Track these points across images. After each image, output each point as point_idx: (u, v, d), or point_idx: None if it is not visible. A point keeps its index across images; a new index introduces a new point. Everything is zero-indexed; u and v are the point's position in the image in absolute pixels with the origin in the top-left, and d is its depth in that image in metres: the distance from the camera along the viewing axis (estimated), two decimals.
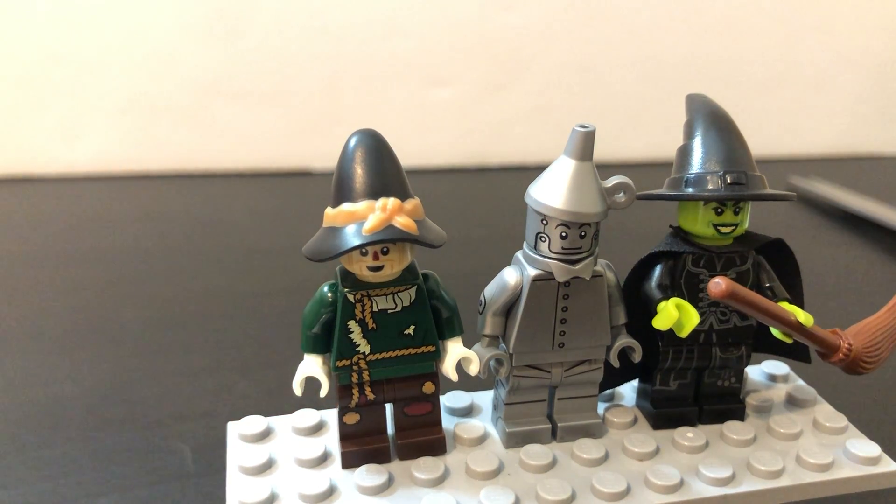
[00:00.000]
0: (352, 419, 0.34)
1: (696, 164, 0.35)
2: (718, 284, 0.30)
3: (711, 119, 0.35)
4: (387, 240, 0.30)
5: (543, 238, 0.32)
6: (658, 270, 0.36)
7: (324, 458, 0.34)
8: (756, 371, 0.42)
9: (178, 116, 0.96)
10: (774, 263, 0.37)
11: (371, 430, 0.34)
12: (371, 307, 0.32)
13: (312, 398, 0.33)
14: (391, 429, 0.35)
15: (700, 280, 0.36)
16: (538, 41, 1.00)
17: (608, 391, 0.39)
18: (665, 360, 0.37)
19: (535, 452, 0.34)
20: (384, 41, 0.97)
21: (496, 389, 0.37)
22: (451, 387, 0.37)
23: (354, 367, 0.33)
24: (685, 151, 0.35)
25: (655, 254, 0.36)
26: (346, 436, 0.34)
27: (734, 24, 1.04)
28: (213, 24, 0.93)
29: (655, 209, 0.36)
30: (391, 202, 0.30)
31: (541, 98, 1.02)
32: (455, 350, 0.33)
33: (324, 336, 0.32)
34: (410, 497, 0.32)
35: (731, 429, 0.37)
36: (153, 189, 0.93)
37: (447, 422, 0.36)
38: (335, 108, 0.98)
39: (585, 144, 0.31)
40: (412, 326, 0.33)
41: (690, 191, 0.34)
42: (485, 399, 0.39)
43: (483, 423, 0.37)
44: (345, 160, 0.31)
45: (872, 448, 0.36)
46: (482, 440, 0.36)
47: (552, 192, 0.32)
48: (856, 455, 0.35)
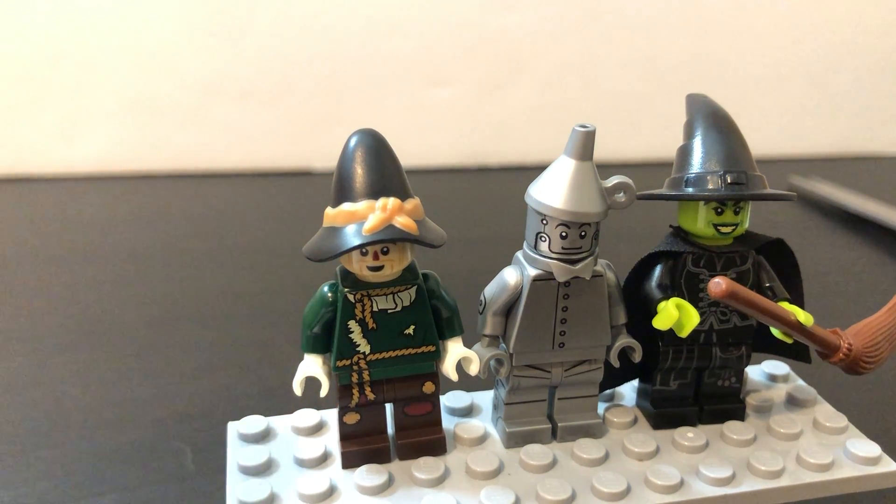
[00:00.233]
0: (352, 419, 0.34)
1: (697, 164, 0.35)
2: (718, 284, 0.30)
3: (712, 119, 0.35)
4: (387, 240, 0.30)
5: (543, 238, 0.32)
6: (658, 270, 0.36)
7: (324, 458, 0.34)
8: (756, 371, 0.42)
9: (179, 116, 0.96)
10: (774, 263, 0.37)
11: (371, 430, 0.34)
12: (371, 307, 0.32)
13: (312, 398, 0.33)
14: (391, 429, 0.35)
15: (700, 280, 0.36)
16: (538, 41, 1.00)
17: (608, 391, 0.39)
18: (665, 360, 0.37)
19: (536, 452, 0.34)
20: (384, 41, 0.97)
21: (496, 389, 0.37)
22: (452, 387, 0.37)
23: (354, 367, 0.33)
24: (685, 151, 0.35)
25: (655, 254, 0.36)
26: (347, 436, 0.34)
27: (734, 24, 1.04)
28: (214, 25, 0.93)
29: (655, 209, 0.36)
30: (391, 202, 0.30)
31: (541, 98, 1.02)
32: (455, 350, 0.33)
33: (324, 336, 0.32)
34: (410, 497, 0.32)
35: (732, 429, 0.37)
36: (153, 189, 0.93)
37: (447, 422, 0.36)
38: (335, 108, 0.98)
39: (585, 144, 0.31)
40: (412, 326, 0.33)
41: (690, 191, 0.34)
42: (485, 399, 0.39)
43: (483, 423, 0.37)
44: (345, 160, 0.31)
45: (872, 448, 0.36)
46: (482, 440, 0.36)
47: (552, 192, 0.32)
48: (856, 455, 0.35)
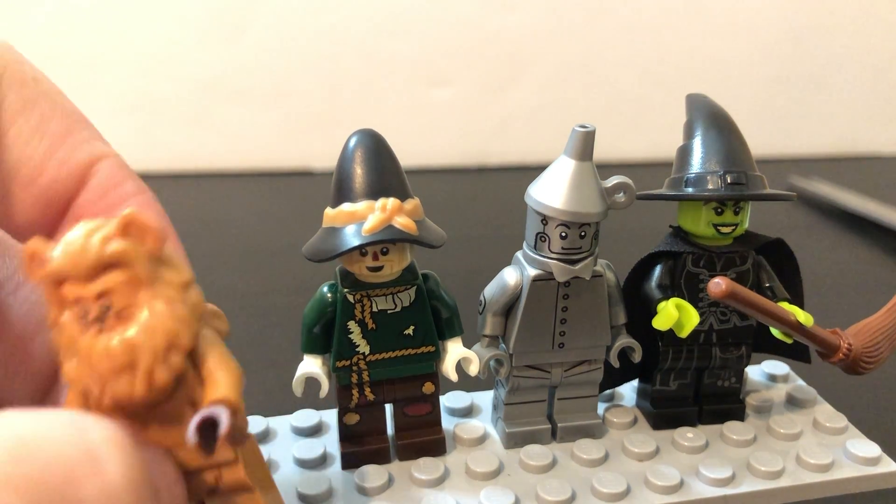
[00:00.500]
0: (352, 419, 0.34)
1: (697, 164, 0.35)
2: (718, 284, 0.30)
3: (711, 119, 0.35)
4: (386, 240, 0.30)
5: (543, 238, 0.32)
6: (658, 270, 0.36)
7: (323, 459, 0.34)
8: (756, 371, 0.42)
9: (179, 116, 0.96)
10: (774, 263, 0.37)
11: (371, 431, 0.34)
12: (371, 307, 0.32)
13: (312, 399, 0.33)
14: (391, 429, 0.35)
15: (700, 280, 0.36)
16: (538, 41, 1.00)
17: (608, 391, 0.39)
18: (665, 360, 0.37)
19: (535, 453, 0.34)
20: (384, 41, 0.97)
21: (496, 390, 0.37)
22: (451, 387, 0.37)
23: (354, 368, 0.33)
24: (685, 151, 0.35)
25: (655, 254, 0.36)
26: (346, 436, 0.34)
27: (735, 25, 1.04)
28: (214, 25, 0.93)
29: (655, 209, 0.36)
30: (391, 202, 0.30)
31: (541, 98, 1.02)
32: (455, 350, 0.33)
33: (323, 336, 0.32)
34: (410, 497, 0.32)
35: (731, 429, 0.37)
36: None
37: (447, 422, 0.36)
38: (335, 108, 0.98)
39: (585, 144, 0.31)
40: (412, 327, 0.33)
41: (690, 191, 0.34)
42: (484, 399, 0.39)
43: (483, 424, 0.37)
44: (344, 160, 0.31)
45: (872, 448, 0.36)
46: (482, 440, 0.36)
47: (552, 192, 0.32)
48: (856, 455, 0.35)
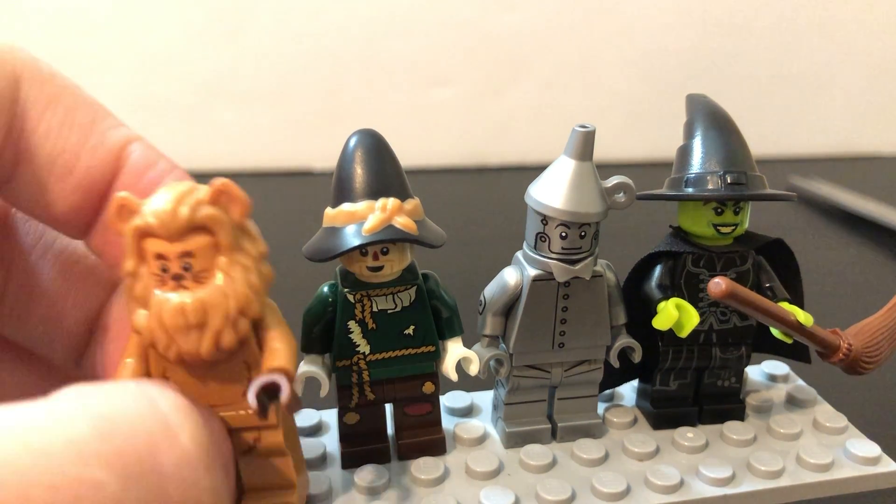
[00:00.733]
0: (352, 419, 0.34)
1: (697, 164, 0.35)
2: (718, 284, 0.30)
3: (711, 119, 0.35)
4: (387, 240, 0.30)
5: (543, 238, 0.32)
6: (658, 270, 0.36)
7: (323, 459, 0.34)
8: (756, 371, 0.42)
9: (179, 116, 0.96)
10: (774, 263, 0.37)
11: (371, 431, 0.34)
12: (371, 307, 0.32)
13: (312, 398, 0.33)
14: (391, 429, 0.35)
15: (700, 280, 0.36)
16: (538, 41, 1.00)
17: (608, 391, 0.39)
18: (665, 360, 0.37)
19: (536, 452, 0.34)
20: (384, 41, 0.97)
21: (496, 389, 0.37)
22: (451, 387, 0.37)
23: (354, 368, 0.33)
24: (685, 151, 0.35)
25: (655, 254, 0.36)
26: (346, 436, 0.34)
27: (734, 25, 1.04)
28: (214, 25, 0.93)
29: (655, 209, 0.36)
30: (391, 202, 0.30)
31: (541, 98, 1.02)
32: (455, 350, 0.33)
33: (323, 336, 0.32)
34: (410, 497, 0.32)
35: (731, 429, 0.37)
36: None
37: (447, 422, 0.36)
38: (335, 108, 0.98)
39: (585, 144, 0.31)
40: (412, 326, 0.33)
41: (690, 191, 0.34)
42: (485, 399, 0.39)
43: (483, 424, 0.37)
44: (344, 160, 0.31)
45: (872, 448, 0.36)
46: (482, 440, 0.36)
47: (552, 193, 0.32)
48: (856, 455, 0.35)
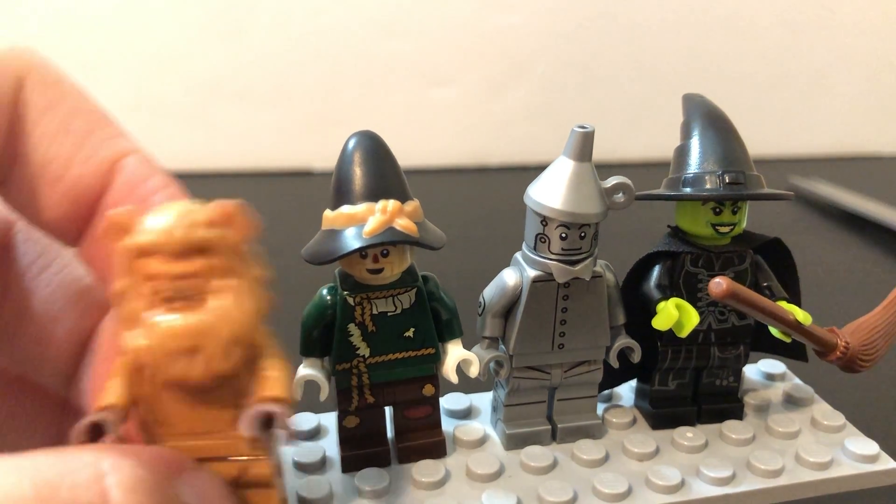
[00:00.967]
0: (351, 422, 0.34)
1: (694, 164, 0.35)
2: (719, 284, 0.30)
3: (709, 119, 0.35)
4: (387, 242, 0.30)
5: (543, 239, 0.32)
6: (657, 270, 0.36)
7: (323, 462, 0.34)
8: (753, 370, 0.42)
9: (179, 116, 0.96)
10: (772, 263, 0.37)
11: (371, 434, 0.34)
12: (371, 310, 0.32)
13: (311, 402, 0.33)
14: (391, 432, 0.35)
15: (699, 280, 0.36)
16: (538, 41, 1.00)
17: (606, 391, 0.39)
18: (664, 360, 0.37)
19: (536, 454, 0.34)
20: (384, 41, 0.97)
21: (496, 391, 0.37)
22: (450, 389, 0.37)
23: (354, 371, 0.33)
24: (682, 151, 0.35)
25: (654, 254, 0.36)
26: (346, 439, 0.34)
27: (734, 25, 1.04)
28: (214, 25, 0.93)
29: (655, 209, 0.36)
30: (391, 204, 0.30)
31: (541, 98, 1.02)
32: (455, 352, 0.33)
33: (323, 339, 0.32)
34: (411, 500, 0.32)
35: (730, 428, 0.37)
36: None
37: (446, 424, 0.36)
38: (335, 108, 0.98)
39: (585, 145, 0.31)
40: (412, 329, 0.33)
41: (689, 191, 0.34)
42: (484, 401, 0.39)
43: (483, 425, 0.37)
44: (343, 162, 0.31)
45: (871, 446, 0.36)
46: (482, 442, 0.36)
47: (552, 193, 0.32)
48: (854, 453, 0.35)
